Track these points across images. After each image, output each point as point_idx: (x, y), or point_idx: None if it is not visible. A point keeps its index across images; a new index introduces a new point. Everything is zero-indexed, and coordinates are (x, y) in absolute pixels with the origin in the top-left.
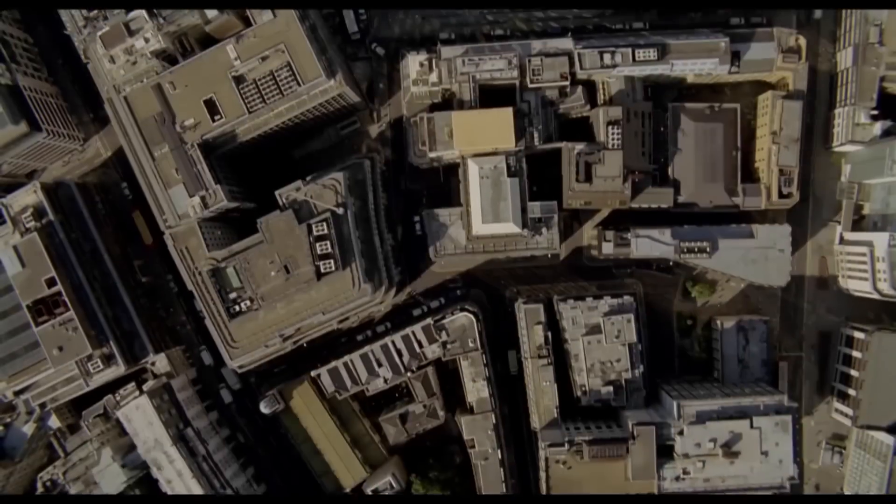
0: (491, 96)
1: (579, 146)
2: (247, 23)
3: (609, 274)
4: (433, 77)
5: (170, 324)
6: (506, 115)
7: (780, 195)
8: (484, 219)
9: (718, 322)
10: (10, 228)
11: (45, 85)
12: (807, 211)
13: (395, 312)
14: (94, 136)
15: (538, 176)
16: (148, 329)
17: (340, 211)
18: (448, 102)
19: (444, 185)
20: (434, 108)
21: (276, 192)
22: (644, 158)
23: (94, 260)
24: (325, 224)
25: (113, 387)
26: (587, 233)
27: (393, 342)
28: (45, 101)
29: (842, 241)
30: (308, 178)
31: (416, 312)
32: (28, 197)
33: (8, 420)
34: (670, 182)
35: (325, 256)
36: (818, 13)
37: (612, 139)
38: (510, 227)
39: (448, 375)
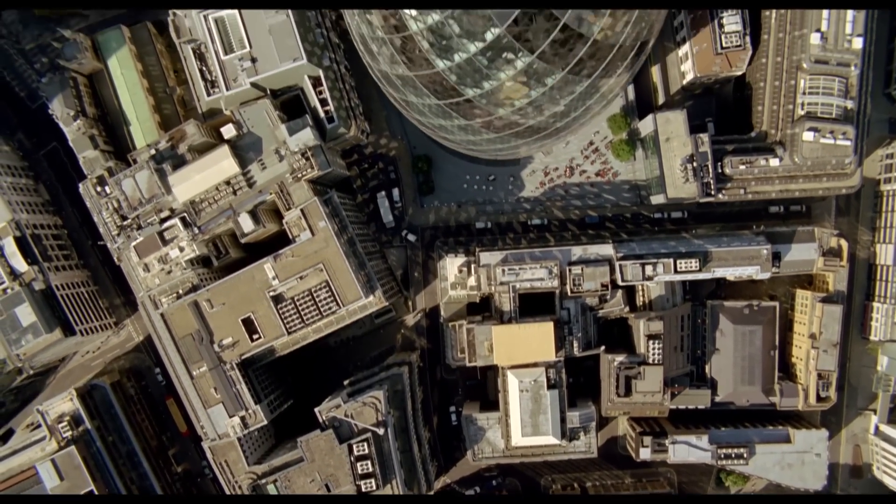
0: (530, 300)
1: (619, 358)
2: (282, 230)
3: (643, 461)
4: (471, 281)
5: None
6: (546, 329)
7: (818, 398)
8: (524, 432)
9: None
10: (45, 434)
11: (75, 274)
12: (842, 398)
13: None
14: (125, 319)
15: (575, 366)
16: None
17: (381, 431)
18: (485, 301)
19: (481, 377)
20: (471, 306)
21: (316, 410)
22: (682, 356)
23: (131, 463)
24: (365, 444)
25: None
26: (622, 423)
27: None
28: (77, 295)
29: (877, 431)
30: (346, 384)
31: None
32: (64, 405)
33: None
34: (708, 382)
35: (365, 476)
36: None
37: (653, 354)
38: (549, 440)
39: None
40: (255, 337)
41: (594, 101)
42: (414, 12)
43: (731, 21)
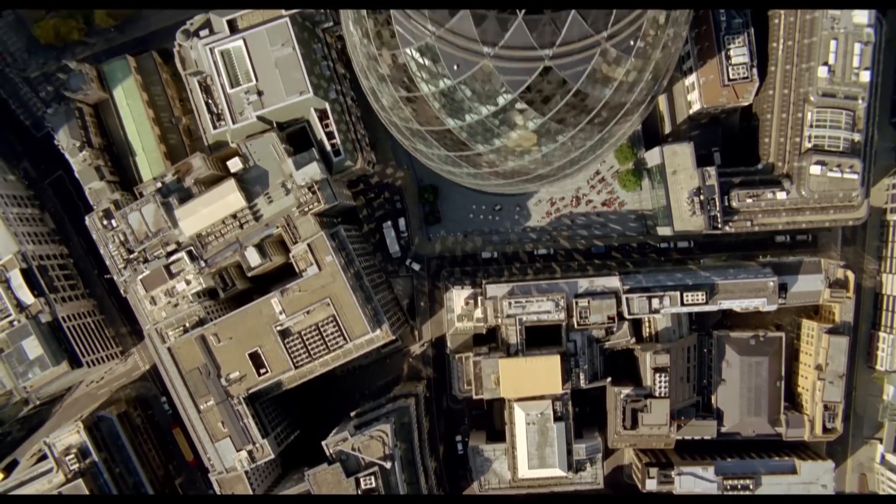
0: (536, 331)
1: (625, 391)
2: (289, 262)
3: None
4: (478, 313)
5: None
6: (553, 362)
7: (824, 429)
8: (530, 464)
9: None
10: (52, 466)
11: (81, 304)
12: (847, 427)
13: None
14: (131, 347)
15: (581, 396)
16: None
17: (388, 465)
18: (492, 332)
19: (487, 407)
20: (478, 338)
21: (324, 443)
22: (688, 387)
23: (138, 495)
24: (372, 477)
25: None
26: (628, 452)
27: None
28: (83, 325)
29: (883, 460)
30: (353, 416)
31: None
32: (71, 437)
33: None
34: (714, 412)
35: None
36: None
37: (659, 387)
38: (556, 472)
39: None
40: (262, 371)
41: (604, 150)
42: (426, 75)
43: (739, 53)
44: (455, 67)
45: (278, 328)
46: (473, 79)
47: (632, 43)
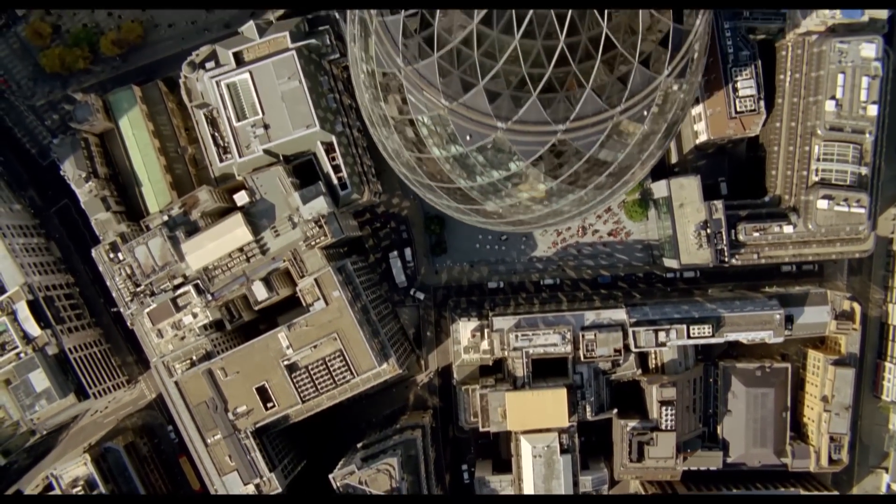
0: (542, 362)
1: (632, 423)
2: (296, 293)
3: None
4: (484, 345)
5: None
6: (560, 396)
7: (830, 461)
8: None
9: None
10: None
11: (88, 334)
12: (853, 456)
13: None
14: (138, 376)
15: (587, 425)
16: None
17: None
18: (498, 363)
19: (493, 436)
20: (484, 368)
21: (330, 476)
22: (694, 418)
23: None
24: None
25: None
26: (633, 483)
27: None
28: (89, 356)
29: (889, 490)
30: (359, 447)
31: None
32: (78, 469)
33: None
34: (719, 443)
35: None
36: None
37: (666, 420)
38: None
39: None
40: (269, 405)
41: (613, 200)
42: (437, 140)
43: (746, 85)
44: (468, 138)
45: (285, 363)
46: (486, 147)
47: (645, 113)
